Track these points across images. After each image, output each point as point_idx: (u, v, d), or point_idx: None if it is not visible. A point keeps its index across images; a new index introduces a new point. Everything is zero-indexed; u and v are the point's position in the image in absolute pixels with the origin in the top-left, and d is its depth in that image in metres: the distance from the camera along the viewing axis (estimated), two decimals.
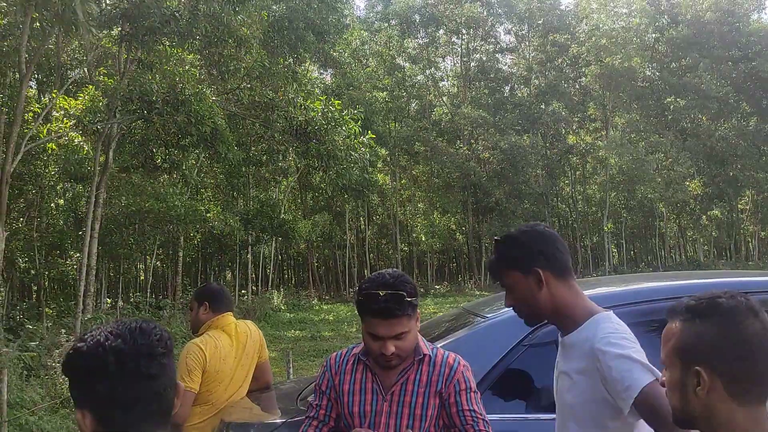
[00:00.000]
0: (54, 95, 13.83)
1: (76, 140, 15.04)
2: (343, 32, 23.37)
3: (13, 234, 15.77)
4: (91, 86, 14.21)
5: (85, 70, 15.20)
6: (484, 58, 42.53)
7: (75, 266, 17.28)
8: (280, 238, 25.57)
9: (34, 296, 21.38)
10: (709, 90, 36.46)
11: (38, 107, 15.13)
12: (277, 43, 17.33)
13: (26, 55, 11.61)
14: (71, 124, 13.93)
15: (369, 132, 17.05)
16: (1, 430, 6.14)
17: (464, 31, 41.77)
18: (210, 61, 13.79)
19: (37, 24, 12.34)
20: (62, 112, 14.29)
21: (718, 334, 1.33)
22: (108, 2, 12.79)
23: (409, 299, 2.20)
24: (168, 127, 12.85)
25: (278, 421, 2.84)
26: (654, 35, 39.87)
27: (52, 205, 18.78)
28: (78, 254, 17.16)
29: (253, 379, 3.62)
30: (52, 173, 16.55)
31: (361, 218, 40.09)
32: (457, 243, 43.34)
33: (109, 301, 20.97)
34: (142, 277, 28.57)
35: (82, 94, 14.34)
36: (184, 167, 15.52)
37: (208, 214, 18.53)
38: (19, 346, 10.65)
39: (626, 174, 35.46)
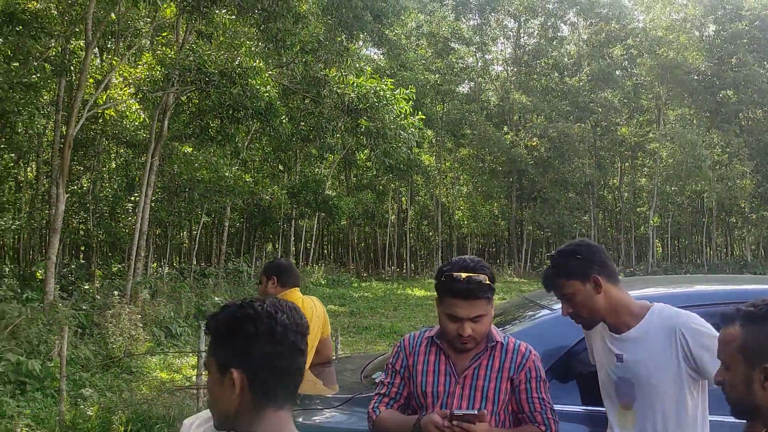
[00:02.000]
0: (115, 63, 14.14)
1: (133, 108, 15.41)
2: (400, 14, 23.21)
3: (71, 196, 16.27)
4: (148, 54, 14.48)
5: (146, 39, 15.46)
6: (541, 42, 41.73)
7: (126, 230, 17.74)
8: (323, 214, 25.82)
9: (81, 256, 21.99)
10: (761, 83, 35.37)
11: (98, 74, 15.48)
12: (334, 21, 17.35)
13: (92, 23, 11.87)
14: (130, 92, 14.26)
15: (419, 113, 17.01)
16: (60, 384, 6.42)
17: (518, 16, 41.20)
18: (268, 35, 13.90)
19: None
20: (121, 80, 14.62)
21: None
22: None
23: (489, 283, 2.27)
24: (223, 99, 13.04)
25: (348, 396, 2.92)
26: (713, 27, 38.67)
27: (104, 169, 19.27)
28: (131, 218, 17.60)
29: (315, 354, 3.74)
30: (108, 139, 16.95)
31: (403, 198, 40.13)
32: (499, 228, 43.09)
33: (154, 266, 21.46)
34: (186, 244, 29.15)
35: (140, 62, 14.62)
36: (237, 140, 15.80)
37: (257, 186, 18.79)
38: (72, 305, 11.06)
39: (680, 167, 34.59)
